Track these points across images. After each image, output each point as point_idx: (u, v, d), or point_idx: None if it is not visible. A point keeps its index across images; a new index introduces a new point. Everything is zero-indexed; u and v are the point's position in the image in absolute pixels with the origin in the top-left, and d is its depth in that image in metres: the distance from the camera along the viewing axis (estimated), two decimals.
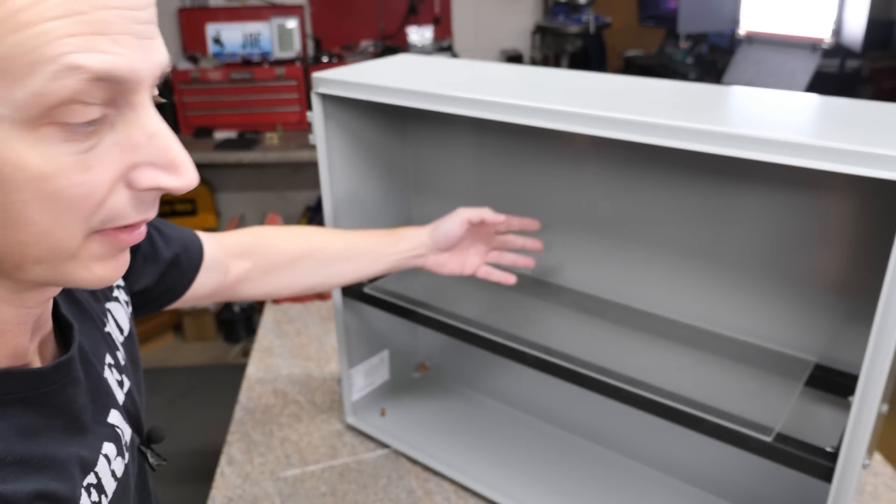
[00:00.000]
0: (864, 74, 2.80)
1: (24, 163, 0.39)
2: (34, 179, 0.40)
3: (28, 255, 0.43)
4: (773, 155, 0.69)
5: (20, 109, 0.38)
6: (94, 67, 0.39)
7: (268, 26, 3.03)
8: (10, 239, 0.42)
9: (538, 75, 1.07)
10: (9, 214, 0.41)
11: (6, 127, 0.39)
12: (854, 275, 0.89)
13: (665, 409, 0.87)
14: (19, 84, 0.38)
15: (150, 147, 0.44)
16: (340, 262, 1.00)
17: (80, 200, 0.42)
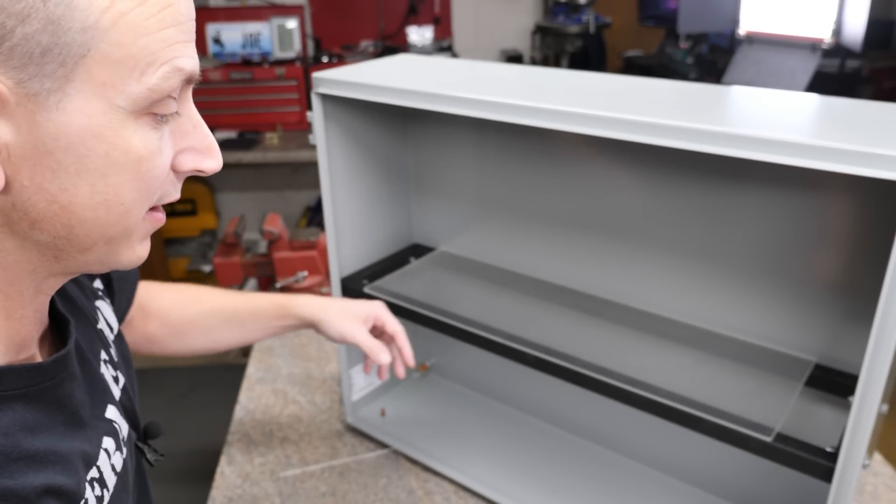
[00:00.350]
0: (864, 74, 2.79)
1: (130, 146, 0.47)
2: (134, 162, 0.47)
3: (104, 236, 0.49)
4: (773, 155, 0.69)
5: (134, 102, 0.46)
6: (189, 69, 0.48)
7: (268, 26, 3.03)
8: (98, 220, 0.48)
9: (538, 75, 1.07)
10: (107, 196, 0.47)
11: (121, 116, 0.46)
12: (854, 275, 0.89)
13: (665, 409, 0.87)
14: (139, 80, 0.45)
15: (194, 134, 0.52)
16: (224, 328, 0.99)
17: (156, 181, 0.49)
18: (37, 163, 0.44)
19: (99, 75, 0.44)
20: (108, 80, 0.44)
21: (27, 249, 0.48)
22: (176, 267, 3.32)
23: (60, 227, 0.47)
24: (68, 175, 0.45)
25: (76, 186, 0.46)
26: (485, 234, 1.24)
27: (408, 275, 1.24)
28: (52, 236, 0.48)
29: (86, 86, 0.44)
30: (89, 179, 0.46)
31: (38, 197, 0.45)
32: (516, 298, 1.16)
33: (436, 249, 1.31)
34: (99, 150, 0.45)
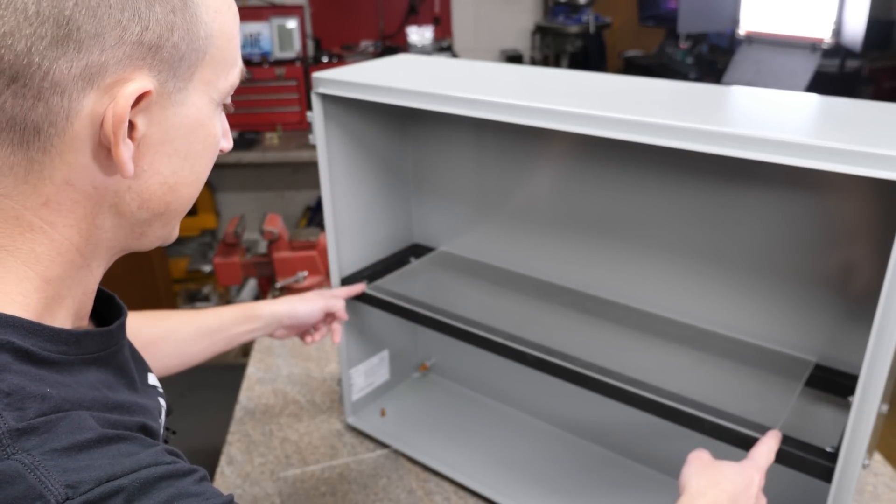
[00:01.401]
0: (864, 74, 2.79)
1: (216, 132, 0.55)
2: (215, 145, 0.56)
3: (183, 210, 0.56)
4: (773, 155, 0.69)
5: (221, 95, 0.55)
6: (243, 69, 0.57)
7: (268, 26, 3.02)
8: (191, 196, 0.55)
9: (538, 75, 1.07)
10: (201, 175, 0.55)
11: (213, 108, 0.54)
12: (854, 275, 0.89)
13: (665, 409, 0.87)
14: (226, 78, 0.54)
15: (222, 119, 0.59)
16: (193, 342, 1.01)
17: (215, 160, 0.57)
18: (158, 150, 0.51)
19: (208, 74, 0.52)
20: (212, 78, 0.53)
21: (122, 227, 0.54)
22: (176, 267, 3.32)
23: (163, 205, 0.54)
24: (179, 159, 0.52)
25: (183, 168, 0.53)
26: (485, 234, 1.24)
27: (408, 275, 1.24)
28: (153, 213, 0.54)
29: (199, 84, 0.52)
30: (192, 162, 0.54)
31: (153, 180, 0.52)
32: (516, 298, 1.16)
33: (436, 249, 1.31)
34: (201, 135, 0.54)
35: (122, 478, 0.44)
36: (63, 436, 0.44)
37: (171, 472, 0.46)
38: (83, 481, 0.42)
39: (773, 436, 0.80)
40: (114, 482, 0.43)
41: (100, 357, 0.55)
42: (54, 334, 0.50)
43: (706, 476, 0.75)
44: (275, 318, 1.06)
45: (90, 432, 0.45)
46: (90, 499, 0.42)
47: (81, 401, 0.48)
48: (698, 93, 0.91)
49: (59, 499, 0.41)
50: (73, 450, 0.43)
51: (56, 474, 0.42)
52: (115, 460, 0.45)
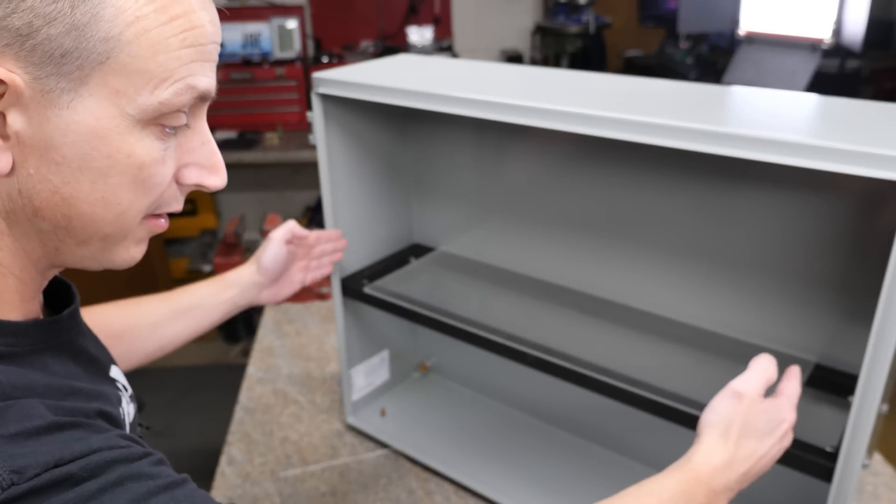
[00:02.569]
0: (864, 74, 2.79)
1: (133, 152, 0.49)
2: (135, 167, 0.50)
3: (100, 232, 0.52)
4: (773, 155, 0.69)
5: (143, 112, 0.48)
6: (202, 88, 0.51)
7: (268, 26, 3.02)
8: (96, 216, 0.50)
9: (538, 75, 1.07)
10: (106, 194, 0.50)
11: (128, 123, 0.48)
12: (854, 275, 0.89)
13: (665, 409, 0.87)
14: (151, 92, 0.48)
15: (201, 151, 0.54)
16: (169, 323, 0.96)
17: (155, 188, 0.52)
18: (43, 154, 0.47)
19: (113, 82, 0.47)
20: (122, 89, 0.47)
21: (31, 239, 0.51)
22: (176, 267, 3.32)
23: (60, 218, 0.50)
24: (71, 170, 0.48)
25: (78, 181, 0.49)
26: (485, 234, 1.24)
27: (408, 275, 1.24)
28: (53, 226, 0.50)
29: (99, 90, 0.47)
30: (91, 176, 0.49)
31: (41, 186, 0.48)
32: (516, 298, 1.16)
33: (436, 249, 1.31)
34: (103, 150, 0.48)
35: (70, 463, 0.43)
36: (11, 423, 0.44)
37: (124, 456, 0.46)
38: (29, 466, 0.42)
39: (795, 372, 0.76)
40: (62, 468, 0.43)
41: (52, 345, 0.55)
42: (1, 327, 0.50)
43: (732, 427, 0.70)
44: (246, 279, 1.01)
45: (39, 420, 0.45)
46: (36, 485, 0.41)
47: (33, 388, 0.48)
48: (698, 93, 0.91)
49: (3, 485, 0.40)
50: (20, 437, 0.43)
51: (2, 459, 0.41)
52: (65, 445, 0.44)
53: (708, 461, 0.69)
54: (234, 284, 1.00)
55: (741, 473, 0.69)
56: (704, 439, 0.71)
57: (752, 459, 0.70)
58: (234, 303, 1.00)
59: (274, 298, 1.05)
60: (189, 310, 0.97)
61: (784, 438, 0.72)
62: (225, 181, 0.56)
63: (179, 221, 3.31)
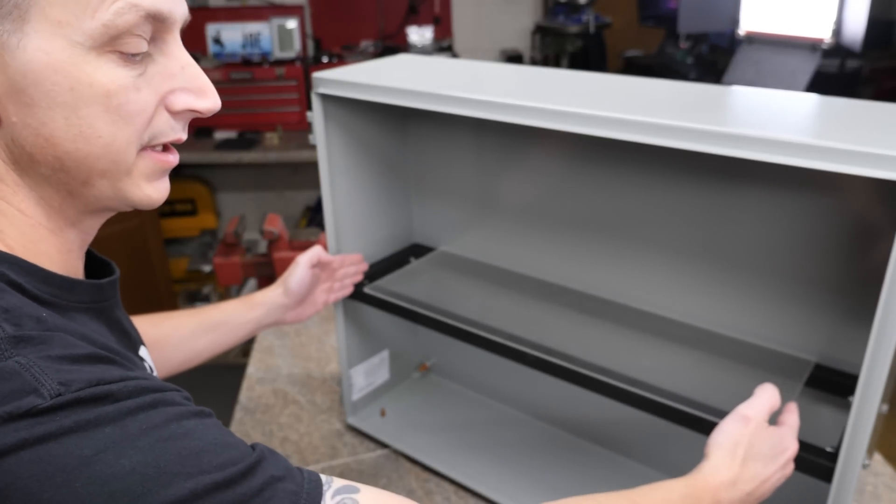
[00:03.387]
0: (864, 74, 2.79)
1: (93, 80, 0.49)
2: (101, 95, 0.50)
3: (95, 168, 0.52)
4: (773, 155, 0.69)
5: (91, 38, 0.48)
6: (147, 6, 0.50)
7: (268, 26, 3.02)
8: (81, 151, 0.51)
9: (538, 75, 1.07)
10: (82, 128, 0.50)
11: (80, 52, 0.48)
12: (854, 275, 0.89)
13: (665, 409, 0.87)
14: (92, 16, 0.48)
15: (183, 75, 0.54)
16: (197, 337, 1.00)
17: (135, 115, 0.52)
18: (16, 100, 0.49)
19: (53, 14, 0.47)
20: (63, 18, 0.47)
21: (43, 186, 0.53)
22: (176, 267, 3.31)
23: (52, 160, 0.51)
24: (42, 109, 0.49)
25: (52, 120, 0.49)
26: (485, 234, 1.24)
27: (408, 275, 1.24)
28: (51, 169, 0.52)
29: (42, 25, 0.47)
30: (62, 113, 0.49)
31: (26, 132, 0.50)
32: (516, 298, 1.16)
33: (436, 249, 1.31)
34: (63, 84, 0.49)
35: (111, 383, 0.46)
36: (57, 348, 0.46)
37: (158, 386, 0.49)
38: (75, 381, 0.45)
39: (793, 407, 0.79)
40: (103, 386, 0.46)
41: (91, 308, 0.57)
42: (47, 277, 0.53)
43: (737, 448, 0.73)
44: (273, 300, 1.06)
45: (82, 349, 0.48)
46: (81, 396, 0.44)
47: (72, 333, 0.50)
48: (698, 93, 0.91)
49: (52, 393, 0.43)
50: (66, 359, 0.46)
51: (50, 373, 0.44)
52: (106, 370, 0.47)
53: (715, 476, 0.72)
54: (261, 305, 1.05)
55: (745, 493, 0.72)
56: (712, 457, 0.73)
57: (756, 481, 0.73)
58: (259, 322, 1.05)
59: (297, 318, 1.11)
60: (217, 325, 1.01)
61: (786, 466, 0.76)
62: (217, 102, 0.56)
63: (179, 221, 3.31)
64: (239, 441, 0.51)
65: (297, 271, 1.07)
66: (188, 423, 0.48)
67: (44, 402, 0.43)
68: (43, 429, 0.42)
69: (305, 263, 1.08)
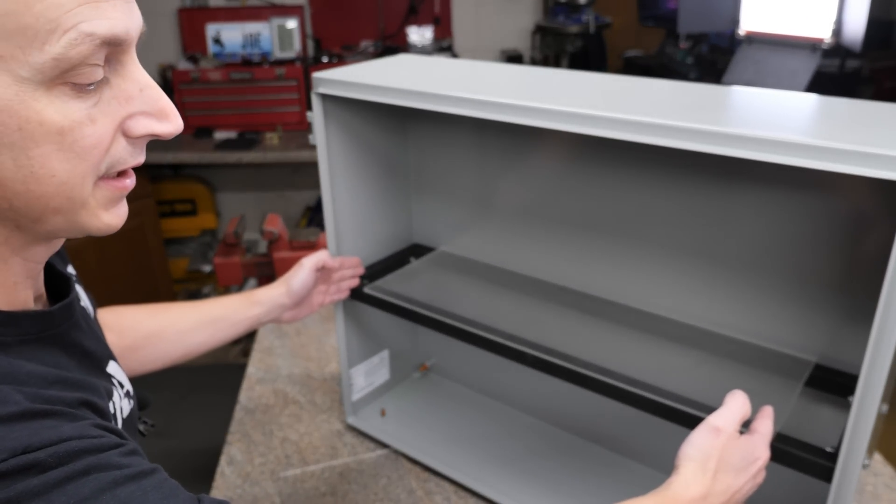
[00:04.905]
0: (864, 74, 2.79)
1: (44, 119, 0.45)
2: (54, 133, 0.45)
3: (48, 207, 0.48)
4: (773, 155, 0.69)
5: (40, 72, 0.44)
6: (103, 33, 0.45)
7: (268, 26, 3.02)
8: (33, 193, 0.47)
9: (538, 75, 1.07)
10: (33, 169, 0.46)
11: (28, 88, 0.44)
12: (854, 275, 0.89)
13: (665, 409, 0.87)
14: (40, 50, 0.43)
15: (142, 98, 0.50)
16: (196, 331, 0.99)
17: (91, 150, 0.48)
18: None
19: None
20: (7, 53, 0.43)
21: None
22: (176, 267, 3.31)
23: (0, 200, 0.47)
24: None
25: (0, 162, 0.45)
26: (485, 234, 1.25)
27: (408, 275, 1.24)
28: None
29: None
30: (10, 154, 0.45)
31: None
32: (516, 298, 1.16)
33: (436, 249, 1.31)
34: (10, 124, 0.44)
35: (38, 451, 0.42)
36: None
37: (94, 446, 0.45)
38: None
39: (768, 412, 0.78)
40: (29, 455, 0.42)
41: (41, 338, 0.53)
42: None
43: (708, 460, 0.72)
44: (274, 300, 1.06)
45: (13, 406, 0.44)
46: (2, 469, 0.41)
47: (15, 375, 0.47)
48: (698, 93, 0.91)
49: None
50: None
51: None
52: (35, 433, 0.43)
53: (686, 491, 0.70)
54: (261, 303, 1.05)
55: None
56: (682, 471, 0.72)
57: (727, 494, 0.72)
58: (258, 319, 1.06)
59: (293, 318, 1.12)
60: (216, 321, 1.01)
61: (758, 475, 0.74)
62: (178, 125, 0.52)
63: (179, 221, 3.31)
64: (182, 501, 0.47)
65: (301, 274, 1.08)
66: (123, 490, 0.44)
67: None
68: None
69: (310, 267, 1.08)
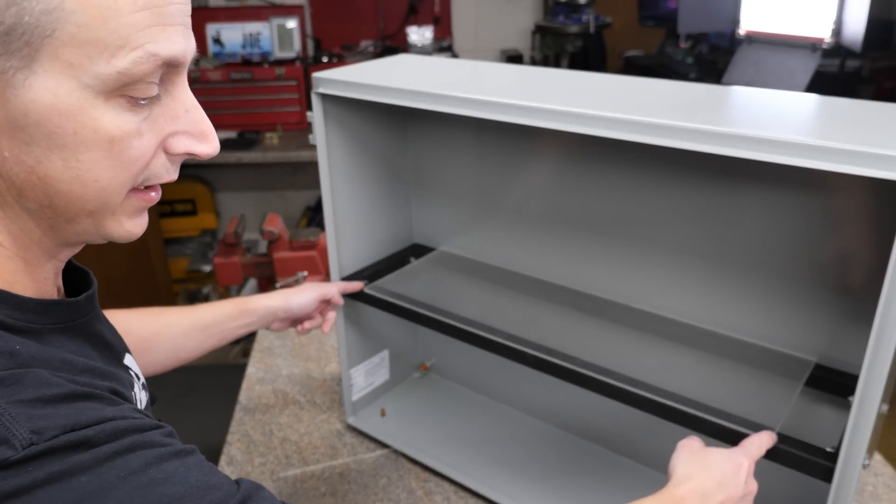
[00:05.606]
0: (864, 74, 2.79)
1: (99, 126, 0.48)
2: (105, 141, 0.48)
3: (84, 209, 0.51)
4: (773, 155, 0.69)
5: (103, 83, 0.47)
6: (165, 54, 0.48)
7: (268, 26, 3.02)
8: (74, 193, 0.50)
9: (538, 75, 1.07)
10: (79, 171, 0.49)
11: (89, 96, 0.47)
12: (854, 275, 0.89)
13: (665, 409, 0.87)
14: (108, 62, 0.46)
15: (186, 118, 0.53)
16: (188, 338, 1.00)
17: (135, 161, 0.51)
18: (12, 136, 0.47)
19: (66, 55, 0.45)
20: (76, 61, 0.45)
21: (25, 220, 0.52)
22: (176, 267, 3.31)
23: (42, 197, 0.50)
24: (40, 149, 0.47)
25: (50, 160, 0.48)
26: (485, 234, 1.24)
27: (408, 275, 1.24)
28: (38, 205, 0.50)
29: (52, 65, 0.45)
30: (61, 154, 0.48)
31: (18, 168, 0.48)
32: (516, 298, 1.16)
33: (436, 249, 1.31)
34: (67, 127, 0.47)
35: (87, 428, 0.44)
36: (30, 389, 0.45)
37: (136, 426, 0.47)
38: (48, 428, 0.43)
39: (767, 434, 0.80)
40: (79, 431, 0.44)
41: (69, 327, 0.56)
42: (20, 303, 0.51)
43: (694, 462, 0.77)
44: (269, 311, 1.07)
45: (57, 388, 0.46)
46: (55, 445, 0.43)
47: (50, 361, 0.49)
48: (698, 93, 0.91)
49: (23, 443, 0.42)
50: (39, 402, 0.44)
51: (22, 420, 0.42)
52: (81, 412, 0.45)
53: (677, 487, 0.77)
54: (255, 313, 1.06)
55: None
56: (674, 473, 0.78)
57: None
58: (249, 328, 1.07)
59: (282, 329, 1.13)
60: (208, 327, 1.02)
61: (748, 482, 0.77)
62: (216, 148, 0.55)
63: (179, 221, 3.31)
64: (223, 480, 0.49)
65: (305, 298, 1.09)
66: (168, 465, 0.47)
67: (15, 453, 0.41)
68: (14, 482, 0.41)
69: (317, 297, 1.10)
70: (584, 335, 1.05)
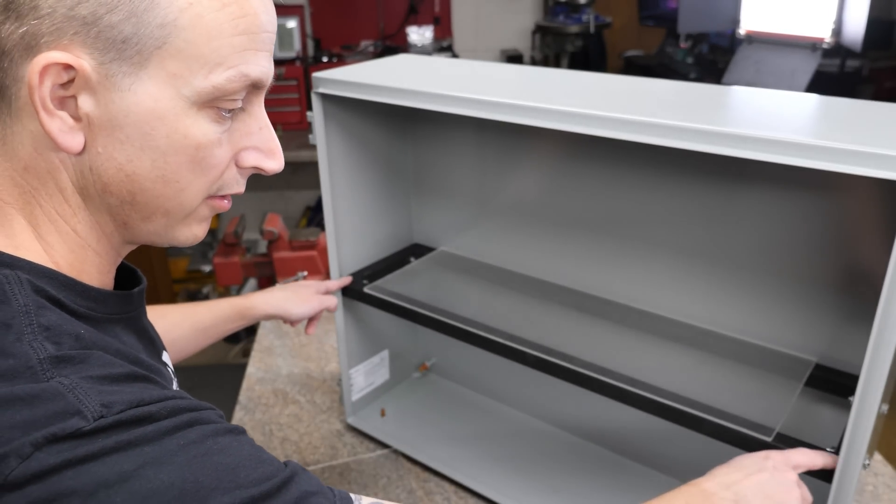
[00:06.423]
0: (864, 74, 2.79)
1: (189, 133, 0.53)
2: (192, 147, 0.53)
3: (161, 208, 0.55)
4: (773, 155, 0.69)
5: (198, 94, 0.52)
6: (254, 75, 0.54)
7: None
8: (156, 191, 0.54)
9: (538, 75, 1.07)
10: (165, 172, 0.53)
11: (185, 105, 0.52)
12: (854, 275, 0.89)
13: (665, 409, 0.87)
14: (205, 77, 0.51)
15: (259, 135, 0.58)
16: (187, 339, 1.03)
17: (213, 169, 0.56)
18: (110, 134, 0.51)
19: (170, 66, 0.50)
20: (178, 72, 0.51)
21: (103, 213, 0.55)
22: (176, 267, 3.31)
23: (125, 193, 0.54)
24: (134, 148, 0.52)
25: (140, 159, 0.52)
26: (485, 234, 1.24)
27: (408, 275, 1.24)
28: (120, 201, 0.54)
29: (157, 73, 0.50)
30: (151, 155, 0.52)
31: (109, 164, 0.52)
32: (516, 298, 1.16)
33: (436, 249, 1.31)
34: (161, 130, 0.52)
35: (150, 405, 0.48)
36: (97, 367, 0.48)
37: (194, 405, 0.51)
38: (117, 402, 0.47)
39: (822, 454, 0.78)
40: (143, 407, 0.48)
41: (122, 319, 0.59)
42: (84, 290, 0.55)
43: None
44: (268, 314, 1.09)
45: (120, 368, 0.50)
46: (122, 419, 0.46)
47: (107, 349, 0.52)
48: (698, 93, 0.91)
49: (94, 415, 0.45)
50: (106, 380, 0.48)
51: (92, 395, 0.46)
52: (144, 390, 0.49)
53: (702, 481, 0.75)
54: (254, 316, 1.08)
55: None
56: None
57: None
58: (243, 327, 1.10)
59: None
60: (207, 328, 1.05)
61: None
62: (282, 165, 0.60)
63: None
64: (272, 457, 0.53)
65: (307, 309, 1.11)
66: (223, 439, 0.50)
67: (87, 424, 0.45)
68: (85, 449, 0.44)
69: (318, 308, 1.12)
70: (584, 335, 1.05)
